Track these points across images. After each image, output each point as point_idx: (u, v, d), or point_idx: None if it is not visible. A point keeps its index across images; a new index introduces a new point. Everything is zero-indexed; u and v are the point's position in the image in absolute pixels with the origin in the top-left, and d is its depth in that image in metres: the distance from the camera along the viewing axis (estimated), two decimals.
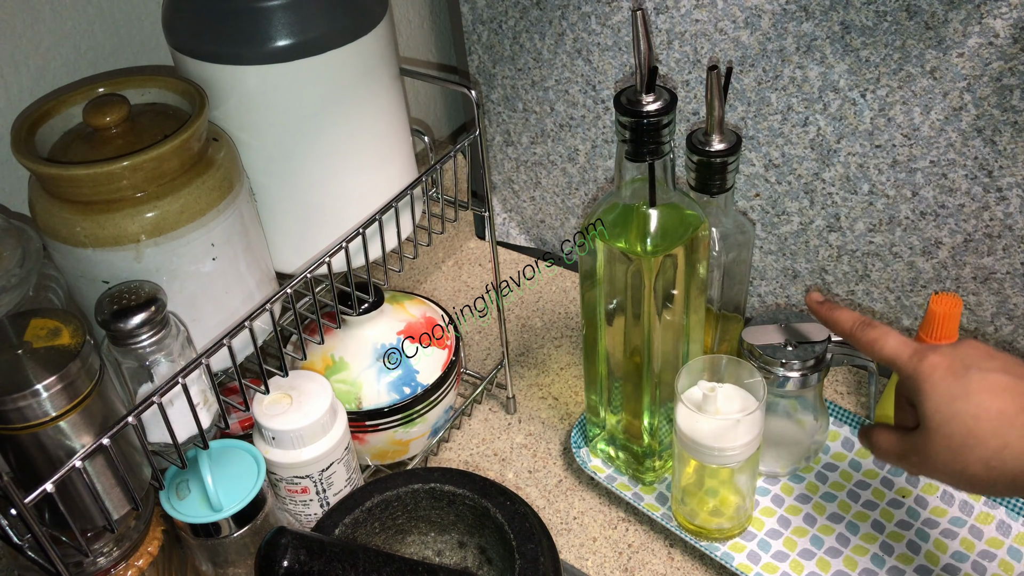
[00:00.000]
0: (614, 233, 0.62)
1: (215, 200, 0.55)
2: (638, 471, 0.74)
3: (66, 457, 0.46)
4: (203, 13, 0.56)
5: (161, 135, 0.53)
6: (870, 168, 0.72)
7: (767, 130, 0.74)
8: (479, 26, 0.86)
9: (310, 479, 0.63)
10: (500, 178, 0.99)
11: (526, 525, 0.54)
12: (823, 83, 0.70)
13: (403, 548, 0.60)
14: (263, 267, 0.61)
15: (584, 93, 0.83)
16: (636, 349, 0.65)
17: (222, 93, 0.57)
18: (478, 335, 0.93)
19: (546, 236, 1.00)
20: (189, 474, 0.57)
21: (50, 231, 0.53)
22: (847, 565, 0.67)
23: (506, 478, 0.77)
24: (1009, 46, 0.61)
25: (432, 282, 1.00)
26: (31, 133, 0.54)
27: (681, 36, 0.74)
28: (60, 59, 0.62)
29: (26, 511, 0.42)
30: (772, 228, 0.80)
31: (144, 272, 0.53)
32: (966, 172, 0.68)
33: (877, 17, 0.65)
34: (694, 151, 0.65)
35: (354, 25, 0.57)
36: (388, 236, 0.64)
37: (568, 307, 0.95)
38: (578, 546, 0.71)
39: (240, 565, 0.58)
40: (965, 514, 0.69)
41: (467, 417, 0.83)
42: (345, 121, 0.60)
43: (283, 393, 0.64)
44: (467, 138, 0.68)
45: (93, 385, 0.48)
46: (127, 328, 0.50)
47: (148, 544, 0.57)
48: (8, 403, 0.45)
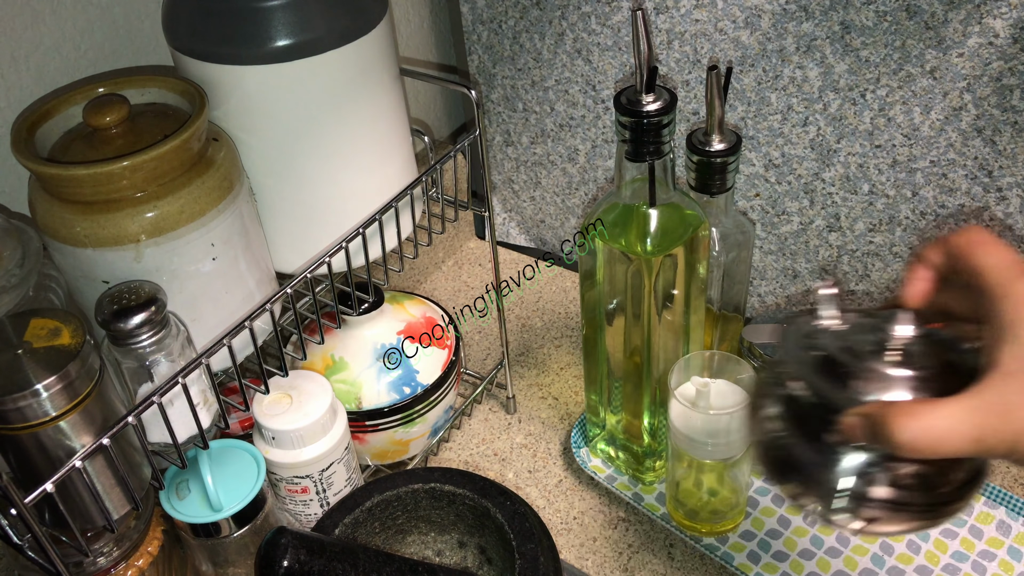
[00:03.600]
0: (614, 233, 0.61)
1: (215, 200, 0.55)
2: (638, 471, 0.74)
3: (66, 457, 0.46)
4: (203, 13, 0.56)
5: (161, 135, 0.53)
6: (870, 168, 0.72)
7: (767, 130, 0.74)
8: (479, 26, 0.86)
9: (310, 479, 0.63)
10: (500, 178, 0.99)
11: (526, 525, 0.54)
12: (823, 83, 0.70)
13: (403, 548, 0.60)
14: (263, 267, 0.61)
15: (584, 93, 0.83)
16: (636, 349, 0.65)
17: (222, 93, 0.57)
18: (478, 335, 0.93)
19: (546, 236, 1.00)
20: (189, 474, 0.57)
21: (50, 231, 0.53)
22: (847, 565, 0.67)
23: (506, 478, 0.77)
24: (1009, 46, 0.61)
25: (432, 282, 1.00)
26: (31, 133, 0.54)
27: (681, 36, 0.74)
28: (60, 59, 0.62)
29: (26, 511, 0.42)
30: (772, 228, 0.80)
31: (144, 272, 0.53)
32: (966, 172, 0.68)
33: (877, 17, 0.65)
34: (694, 151, 0.65)
35: (354, 25, 0.57)
36: (388, 236, 0.64)
37: (568, 307, 0.95)
38: (578, 546, 0.71)
39: (240, 565, 0.58)
40: (965, 514, 0.69)
41: (467, 417, 0.83)
42: (345, 121, 0.60)
43: (283, 393, 0.64)
44: (467, 138, 0.68)
45: (93, 385, 0.48)
46: (127, 328, 0.50)
47: (148, 544, 0.57)
48: (8, 403, 0.45)
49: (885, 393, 0.40)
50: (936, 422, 0.37)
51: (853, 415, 0.40)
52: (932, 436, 0.37)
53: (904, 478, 0.40)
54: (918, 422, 0.37)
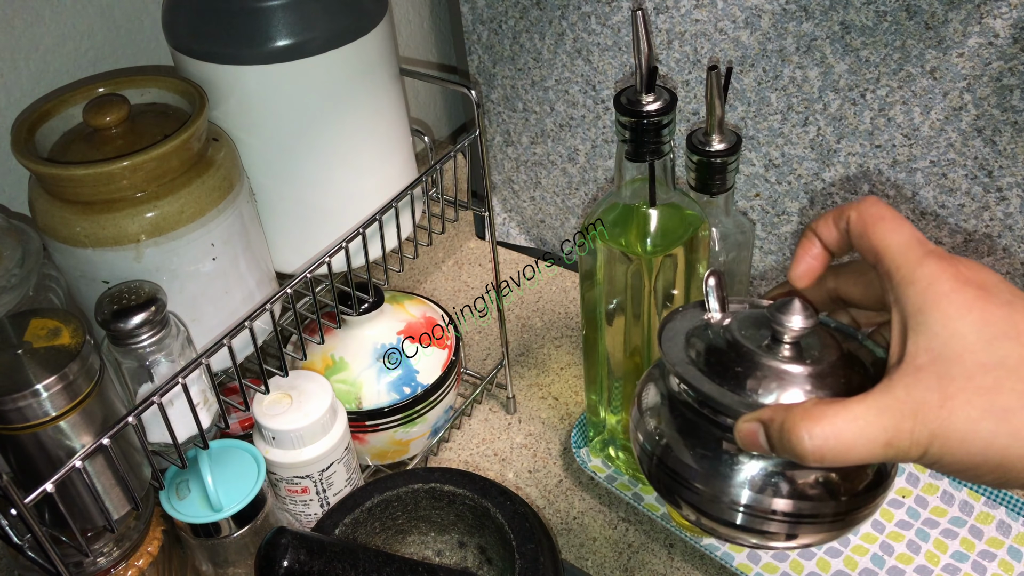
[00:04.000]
0: (614, 233, 0.62)
1: (215, 200, 0.55)
2: (638, 471, 0.74)
3: (66, 457, 0.46)
4: (203, 13, 0.56)
5: (161, 135, 0.53)
6: (870, 168, 0.72)
7: (767, 130, 0.74)
8: (479, 26, 0.86)
9: (310, 479, 0.63)
10: (500, 178, 0.99)
11: (526, 525, 0.54)
12: (823, 83, 0.70)
13: (403, 548, 0.60)
14: (263, 267, 0.61)
15: (584, 93, 0.83)
16: (636, 349, 0.65)
17: (222, 93, 0.57)
18: (478, 335, 0.93)
19: (546, 236, 1.00)
20: (189, 474, 0.57)
21: (50, 231, 0.53)
22: (847, 565, 0.67)
23: (506, 478, 0.77)
24: (1009, 46, 0.61)
25: (432, 282, 1.00)
26: (31, 133, 0.54)
27: (681, 36, 0.74)
28: (60, 59, 0.62)
29: (26, 511, 0.42)
30: (772, 228, 0.80)
31: (144, 272, 0.53)
32: (966, 172, 0.68)
33: (877, 17, 0.65)
34: (694, 151, 0.65)
35: (354, 25, 0.57)
36: (388, 236, 0.64)
37: (568, 307, 0.95)
38: (578, 546, 0.71)
39: (240, 565, 0.58)
40: (965, 514, 0.69)
41: (467, 417, 0.83)
42: (345, 121, 0.60)
43: (283, 393, 0.64)
44: (467, 138, 0.68)
45: (93, 385, 0.48)
46: (127, 328, 0.50)
47: (148, 544, 0.57)
48: (8, 403, 0.45)
49: (781, 393, 0.36)
50: (843, 426, 0.33)
51: (748, 421, 0.35)
52: (840, 443, 0.33)
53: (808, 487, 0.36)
54: (823, 428, 0.33)
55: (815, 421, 0.33)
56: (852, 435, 0.33)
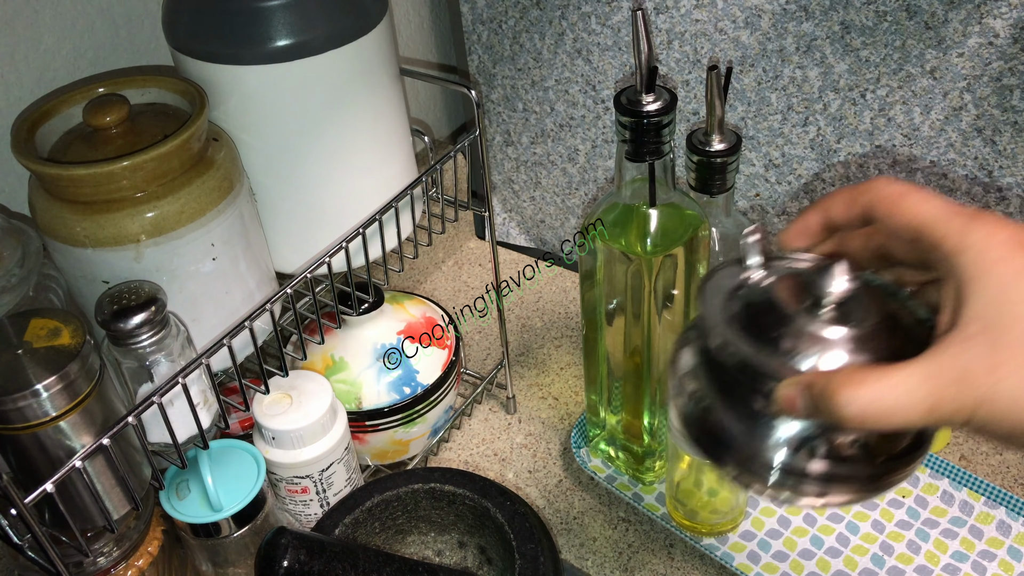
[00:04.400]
0: (614, 233, 0.62)
1: (215, 200, 0.55)
2: (638, 471, 0.74)
3: (66, 457, 0.46)
4: (203, 13, 0.56)
5: (161, 135, 0.53)
6: (870, 168, 0.72)
7: (767, 130, 0.74)
8: (479, 26, 0.86)
9: (310, 479, 0.63)
10: (500, 178, 0.99)
11: (526, 525, 0.54)
12: (823, 83, 0.70)
13: (403, 548, 0.60)
14: (263, 267, 0.61)
15: (584, 93, 0.83)
16: (636, 349, 0.65)
17: (222, 93, 0.57)
18: (478, 335, 0.93)
19: (546, 236, 1.00)
20: (189, 474, 0.57)
21: (50, 231, 0.53)
22: (847, 565, 0.67)
23: (506, 478, 0.77)
24: (1009, 46, 0.61)
25: (432, 282, 1.00)
26: (31, 133, 0.54)
27: (681, 36, 0.74)
28: (60, 59, 0.62)
29: (26, 511, 0.42)
30: (772, 228, 0.80)
31: (144, 272, 0.53)
32: (966, 172, 0.68)
33: (877, 17, 0.65)
34: (694, 151, 0.65)
35: (354, 25, 0.57)
36: (388, 236, 0.64)
37: (568, 307, 0.95)
38: (578, 546, 0.71)
39: (240, 565, 0.58)
40: (965, 514, 0.69)
41: (467, 417, 0.83)
42: (345, 121, 0.60)
43: (283, 393, 0.64)
44: (467, 138, 0.68)
45: (93, 385, 0.48)
46: (127, 328, 0.50)
47: (148, 544, 0.57)
48: (8, 403, 0.45)
49: (823, 355, 0.35)
50: (886, 392, 0.33)
51: (790, 386, 0.35)
52: (882, 408, 0.33)
53: (845, 448, 0.36)
54: (866, 393, 0.33)
55: (859, 387, 0.33)
56: (894, 401, 0.32)
